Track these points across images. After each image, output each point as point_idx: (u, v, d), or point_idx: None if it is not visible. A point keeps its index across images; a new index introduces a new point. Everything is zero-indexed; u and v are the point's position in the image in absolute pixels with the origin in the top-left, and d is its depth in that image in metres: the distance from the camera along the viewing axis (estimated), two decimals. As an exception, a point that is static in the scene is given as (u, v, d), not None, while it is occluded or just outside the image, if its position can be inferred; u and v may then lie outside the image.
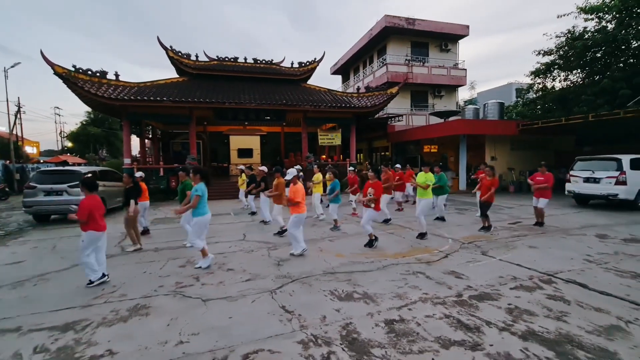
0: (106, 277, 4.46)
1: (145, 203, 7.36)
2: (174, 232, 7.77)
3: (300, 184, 5.67)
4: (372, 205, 5.66)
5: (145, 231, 7.47)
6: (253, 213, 9.91)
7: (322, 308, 3.57)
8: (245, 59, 18.81)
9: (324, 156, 22.75)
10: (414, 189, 11.06)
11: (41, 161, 27.29)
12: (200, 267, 4.97)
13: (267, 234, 7.34)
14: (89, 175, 8.86)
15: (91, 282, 4.31)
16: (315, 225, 8.13)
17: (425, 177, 7.00)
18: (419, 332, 3.03)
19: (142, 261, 5.47)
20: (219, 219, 9.40)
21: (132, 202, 5.97)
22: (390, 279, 4.41)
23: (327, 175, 8.16)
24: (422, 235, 6.55)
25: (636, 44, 14.38)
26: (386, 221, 8.15)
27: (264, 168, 9.09)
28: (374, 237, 5.97)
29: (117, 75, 14.71)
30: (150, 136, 19.97)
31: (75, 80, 13.03)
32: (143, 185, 7.24)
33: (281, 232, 7.07)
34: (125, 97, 13.53)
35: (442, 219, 8.43)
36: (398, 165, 10.59)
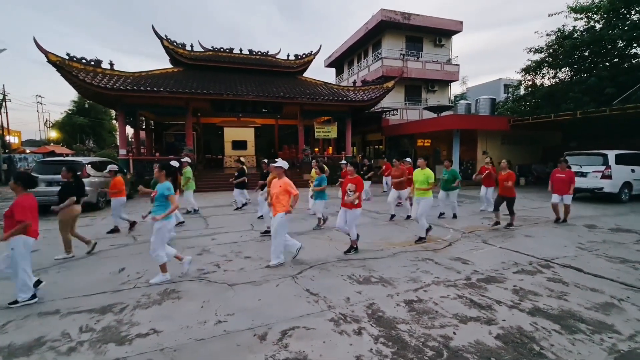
0: (36, 298, 3.61)
1: (122, 199, 6.77)
2: (181, 222, 7.88)
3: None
4: (355, 202, 5.07)
5: (116, 230, 6.88)
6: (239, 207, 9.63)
7: (343, 291, 3.83)
8: (241, 50, 18.69)
9: (317, 149, 22.95)
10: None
11: (27, 151, 26.56)
12: (152, 283, 4.07)
13: (274, 224, 7.54)
14: (24, 171, 8.67)
15: (17, 302, 3.49)
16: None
17: (424, 175, 5.87)
18: (438, 310, 3.32)
19: (157, 250, 5.61)
20: (223, 210, 9.56)
21: (70, 199, 5.15)
22: (402, 265, 4.70)
23: (313, 171, 7.48)
24: (421, 240, 5.86)
25: (622, 44, 14.98)
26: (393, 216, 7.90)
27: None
28: (355, 246, 5.35)
29: (111, 64, 14.50)
30: (144, 127, 19.72)
31: (70, 68, 12.80)
32: (120, 179, 6.77)
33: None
34: (122, 87, 13.38)
35: (454, 216, 8.07)
36: (408, 159, 10.20)
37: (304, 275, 4.32)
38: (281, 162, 4.87)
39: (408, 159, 9.22)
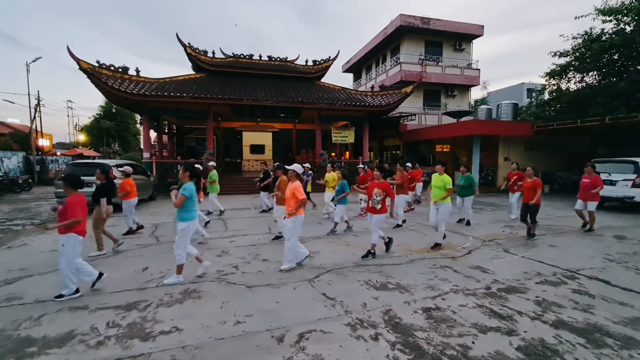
0: (79, 293, 3.87)
1: (132, 201, 6.88)
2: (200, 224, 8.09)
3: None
4: (379, 207, 5.15)
5: (134, 230, 7.08)
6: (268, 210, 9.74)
7: (360, 296, 3.84)
8: (260, 56, 19.07)
9: (334, 154, 23.00)
10: (424, 188, 11.05)
11: (58, 154, 27.91)
12: (165, 283, 4.21)
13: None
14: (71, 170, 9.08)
15: (62, 295, 3.76)
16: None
17: (442, 180, 5.84)
18: (456, 319, 3.28)
19: (179, 250, 5.79)
20: (242, 213, 9.74)
21: (102, 201, 5.49)
22: (420, 272, 4.66)
23: (335, 174, 7.73)
24: (437, 246, 5.86)
25: (655, 47, 14.31)
26: (398, 226, 7.62)
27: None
28: (373, 251, 5.33)
29: (137, 71, 15.08)
30: (167, 131, 20.39)
31: (99, 75, 13.43)
32: (130, 181, 6.83)
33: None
34: (147, 93, 13.90)
35: (467, 222, 7.95)
36: (409, 164, 10.39)
37: (320, 280, 4.36)
38: (295, 166, 4.93)
39: (409, 164, 9.21)
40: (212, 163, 9.80)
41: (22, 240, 6.68)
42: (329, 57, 19.23)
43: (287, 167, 5.14)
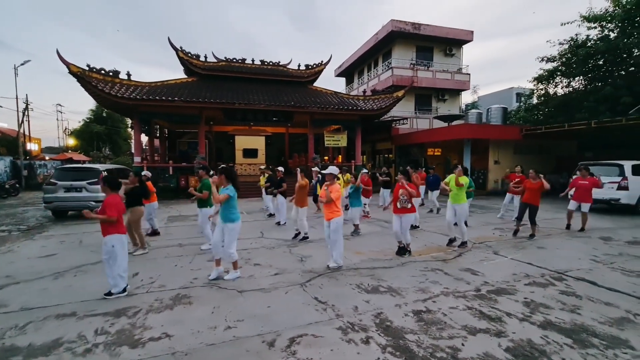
0: (126, 292, 4.04)
1: (154, 204, 7.15)
2: (192, 229, 8.02)
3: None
4: (409, 206, 5.45)
5: (155, 232, 7.31)
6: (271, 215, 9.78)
7: (352, 299, 3.85)
8: (253, 60, 19.09)
9: (327, 157, 23.05)
10: (426, 192, 11.22)
11: (47, 158, 27.45)
12: (227, 279, 4.54)
13: (284, 232, 7.60)
14: (109, 172, 9.08)
15: (111, 294, 3.93)
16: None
17: (461, 181, 6.11)
18: (446, 321, 3.31)
19: (170, 256, 5.74)
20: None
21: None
22: (411, 274, 4.69)
23: (346, 177, 8.13)
24: (463, 245, 6.18)
25: (638, 53, 14.74)
26: (415, 227, 7.80)
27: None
28: (409, 249, 5.68)
29: (129, 75, 14.97)
30: (158, 135, 20.21)
31: (90, 79, 13.28)
32: (150, 185, 6.99)
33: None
34: (138, 97, 13.79)
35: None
36: (365, 170, 10.21)
37: (312, 284, 4.36)
38: (331, 169, 5.14)
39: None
40: (223, 166, 9.74)
41: (8, 246, 6.56)
42: (322, 61, 19.34)
43: (323, 171, 5.45)
